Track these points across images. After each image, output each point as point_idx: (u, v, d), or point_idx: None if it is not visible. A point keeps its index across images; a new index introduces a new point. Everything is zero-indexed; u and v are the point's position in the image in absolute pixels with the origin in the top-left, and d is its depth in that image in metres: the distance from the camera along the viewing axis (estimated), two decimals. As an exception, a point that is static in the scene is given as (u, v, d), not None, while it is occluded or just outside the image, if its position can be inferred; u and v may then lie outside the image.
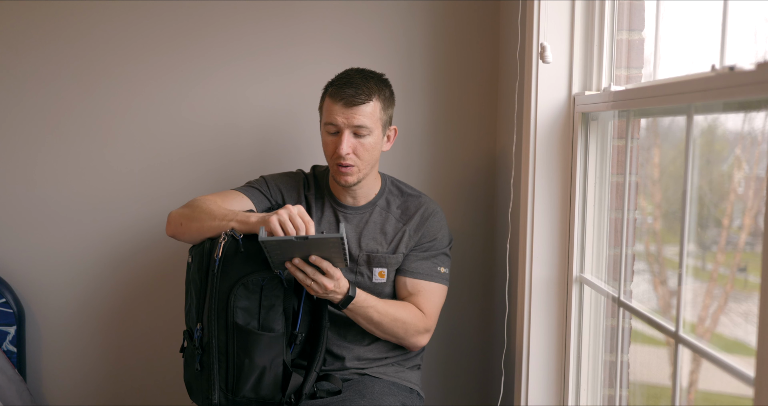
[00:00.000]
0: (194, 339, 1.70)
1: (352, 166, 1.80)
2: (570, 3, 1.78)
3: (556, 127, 1.81)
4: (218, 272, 1.65)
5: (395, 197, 1.93)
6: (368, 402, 1.74)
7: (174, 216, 1.83)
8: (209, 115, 2.30)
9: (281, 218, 1.62)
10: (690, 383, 1.42)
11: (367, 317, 1.78)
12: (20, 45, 2.27)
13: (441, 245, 1.92)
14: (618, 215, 1.70)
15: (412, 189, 1.97)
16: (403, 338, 1.84)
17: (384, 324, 1.80)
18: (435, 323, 1.89)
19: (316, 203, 1.93)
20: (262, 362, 1.65)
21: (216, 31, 2.28)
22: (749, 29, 1.25)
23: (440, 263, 1.91)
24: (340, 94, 1.78)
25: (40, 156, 2.31)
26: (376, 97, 1.80)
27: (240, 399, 1.68)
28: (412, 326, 1.83)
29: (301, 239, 1.57)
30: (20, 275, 2.32)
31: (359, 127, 1.78)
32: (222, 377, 1.68)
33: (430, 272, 1.89)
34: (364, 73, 1.84)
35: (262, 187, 1.93)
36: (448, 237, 1.95)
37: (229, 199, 1.85)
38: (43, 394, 2.38)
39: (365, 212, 1.91)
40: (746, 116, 1.27)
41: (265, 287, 1.66)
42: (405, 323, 1.82)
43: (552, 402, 1.86)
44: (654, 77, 1.55)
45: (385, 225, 1.90)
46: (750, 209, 1.30)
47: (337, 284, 1.67)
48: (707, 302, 1.43)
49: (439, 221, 1.92)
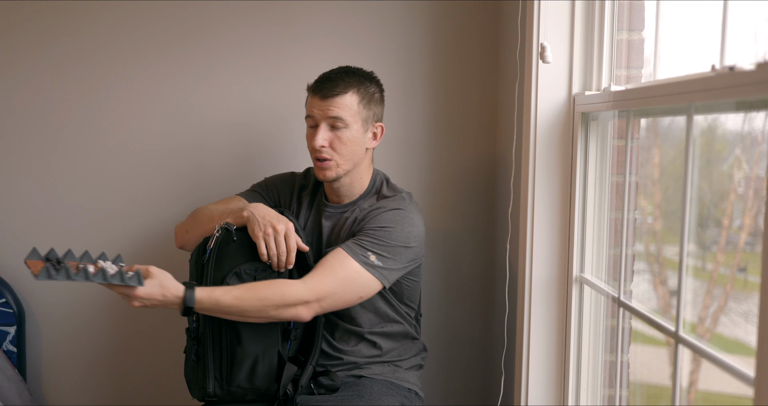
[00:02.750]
0: (191, 330, 1.74)
1: (328, 160, 1.80)
2: (570, 3, 1.78)
3: (556, 127, 1.81)
4: (211, 263, 1.70)
5: (375, 197, 1.88)
6: (367, 402, 1.74)
7: (178, 228, 1.92)
8: (213, 116, 2.30)
9: (268, 241, 1.68)
10: (690, 383, 1.42)
11: (227, 310, 1.63)
12: (21, 46, 2.27)
13: (387, 237, 1.73)
14: (618, 215, 1.70)
15: (392, 190, 1.88)
16: (281, 317, 1.67)
17: (250, 311, 1.63)
18: (324, 294, 1.68)
19: (308, 203, 1.94)
20: (255, 349, 1.68)
21: (219, 32, 2.28)
22: (749, 29, 1.25)
23: (375, 252, 1.71)
24: (318, 88, 1.81)
25: (41, 156, 2.31)
26: (354, 90, 1.81)
27: (235, 389, 1.70)
28: (282, 301, 1.64)
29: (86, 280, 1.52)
30: (20, 275, 2.32)
31: (334, 119, 1.78)
32: (216, 366, 1.70)
33: (356, 251, 1.71)
34: (347, 69, 1.85)
35: (262, 189, 1.98)
36: (403, 237, 1.75)
37: (231, 204, 1.88)
38: (43, 394, 2.38)
39: (345, 211, 1.88)
40: (746, 116, 1.27)
41: (258, 278, 1.70)
42: (274, 301, 1.64)
43: (552, 402, 1.86)
44: (654, 77, 1.55)
45: (352, 226, 1.85)
46: (750, 208, 1.30)
47: (147, 301, 1.59)
48: (707, 302, 1.43)
49: (397, 216, 1.77)
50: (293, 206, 1.95)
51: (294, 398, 1.73)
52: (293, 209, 1.95)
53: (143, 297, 1.57)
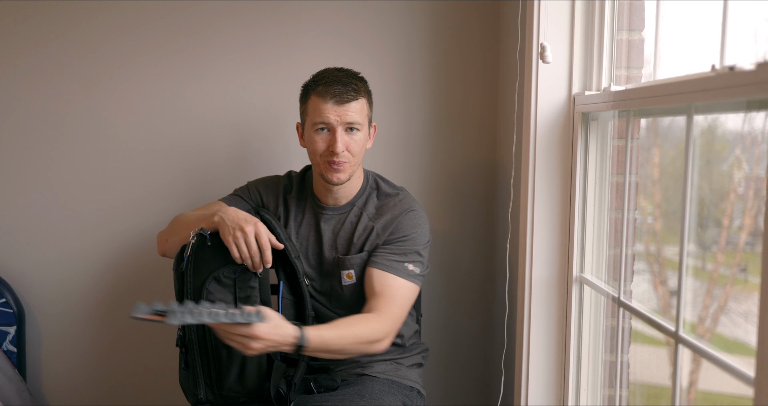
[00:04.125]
0: (178, 338, 1.75)
1: (345, 162, 1.80)
2: (570, 3, 1.78)
3: (556, 127, 1.81)
4: (190, 269, 1.70)
5: (374, 195, 1.90)
6: (368, 402, 1.74)
7: (159, 236, 1.92)
8: (210, 116, 2.30)
9: (238, 244, 1.67)
10: (690, 383, 1.42)
11: (330, 348, 1.65)
12: (19, 46, 2.27)
13: (414, 244, 1.83)
14: (618, 215, 1.70)
15: (392, 187, 1.93)
16: (367, 352, 1.75)
17: (347, 349, 1.69)
18: (398, 322, 1.77)
19: (297, 206, 1.93)
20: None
21: (216, 31, 2.28)
22: (749, 29, 1.25)
23: (410, 261, 1.82)
24: (330, 92, 1.78)
25: (40, 158, 2.31)
26: (364, 94, 1.83)
27: (227, 393, 1.70)
28: (372, 338, 1.71)
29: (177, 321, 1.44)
30: (20, 275, 2.32)
31: (351, 124, 1.79)
32: (205, 372, 1.71)
33: (398, 267, 1.79)
34: (346, 72, 1.84)
35: (243, 193, 1.97)
36: (424, 237, 1.86)
37: (211, 209, 1.85)
38: (43, 394, 2.38)
39: (343, 213, 1.89)
40: (746, 116, 1.27)
41: (238, 279, 1.70)
42: (365, 338, 1.70)
43: (552, 402, 1.86)
44: (654, 77, 1.55)
45: (357, 225, 1.87)
46: (750, 208, 1.30)
47: (267, 341, 1.52)
48: (707, 302, 1.43)
49: (414, 219, 1.85)
50: (279, 209, 1.93)
51: (288, 396, 1.73)
52: (280, 213, 1.93)
53: (264, 337, 1.51)
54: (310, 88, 1.84)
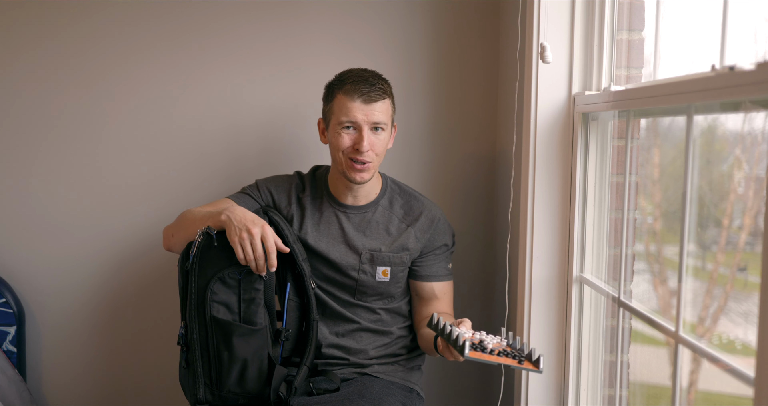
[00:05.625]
0: (180, 337, 1.74)
1: (369, 162, 1.82)
2: (570, 3, 1.78)
3: (556, 127, 1.81)
4: (194, 269, 1.69)
5: (398, 197, 1.95)
6: (368, 402, 1.74)
7: (165, 230, 1.91)
8: (209, 115, 2.30)
9: (244, 245, 1.65)
10: (690, 383, 1.42)
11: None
12: (17, 46, 2.27)
13: (450, 247, 1.98)
14: (618, 215, 1.70)
15: (411, 190, 1.99)
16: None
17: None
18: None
19: (312, 204, 1.92)
20: (243, 354, 1.67)
21: (216, 31, 2.28)
22: (749, 29, 1.25)
23: (449, 261, 1.99)
24: (358, 91, 1.79)
25: (40, 157, 2.31)
26: (388, 94, 1.85)
27: (226, 394, 1.70)
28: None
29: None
30: (20, 275, 2.32)
31: (377, 123, 1.81)
32: (206, 372, 1.70)
33: (449, 273, 1.98)
34: (371, 72, 1.86)
35: (253, 191, 1.95)
36: (453, 236, 1.99)
37: (219, 206, 1.85)
38: (43, 394, 2.38)
39: (367, 211, 1.91)
40: (746, 116, 1.27)
41: (243, 281, 1.69)
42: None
43: (552, 402, 1.86)
44: (654, 77, 1.55)
45: (389, 225, 1.91)
46: (750, 208, 1.30)
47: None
48: (707, 302, 1.43)
49: (445, 224, 1.96)
50: (292, 208, 1.92)
51: (288, 400, 1.72)
52: (293, 213, 1.92)
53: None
54: (335, 87, 1.84)
